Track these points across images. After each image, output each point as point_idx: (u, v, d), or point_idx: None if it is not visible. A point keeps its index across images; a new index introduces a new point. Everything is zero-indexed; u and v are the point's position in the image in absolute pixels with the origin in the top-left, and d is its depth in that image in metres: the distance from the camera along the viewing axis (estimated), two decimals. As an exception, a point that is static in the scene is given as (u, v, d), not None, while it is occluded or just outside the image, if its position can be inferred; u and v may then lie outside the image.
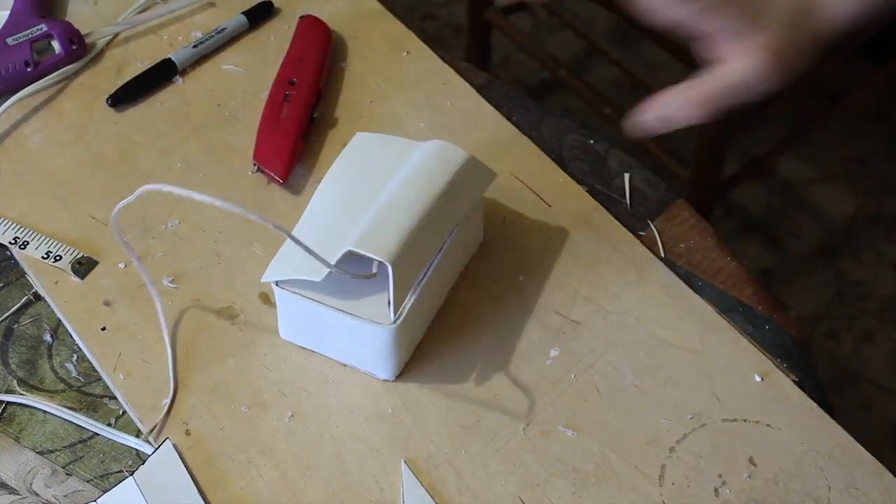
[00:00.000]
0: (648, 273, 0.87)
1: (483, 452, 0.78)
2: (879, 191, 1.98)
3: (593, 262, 0.88)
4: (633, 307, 0.85)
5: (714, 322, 0.85)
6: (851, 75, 2.05)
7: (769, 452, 0.79)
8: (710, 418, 0.80)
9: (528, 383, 0.81)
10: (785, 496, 0.77)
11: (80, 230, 0.89)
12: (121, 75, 0.98)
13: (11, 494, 0.77)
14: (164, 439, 0.78)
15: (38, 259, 0.87)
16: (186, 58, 0.98)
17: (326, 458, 0.78)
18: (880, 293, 1.86)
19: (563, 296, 0.86)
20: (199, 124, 0.96)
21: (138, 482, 0.75)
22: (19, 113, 0.96)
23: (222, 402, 0.80)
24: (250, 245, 0.88)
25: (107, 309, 0.85)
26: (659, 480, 0.77)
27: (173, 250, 0.88)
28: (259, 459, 0.78)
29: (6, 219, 0.89)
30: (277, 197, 0.91)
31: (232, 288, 0.86)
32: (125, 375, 0.82)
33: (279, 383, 0.81)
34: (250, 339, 0.84)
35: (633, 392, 0.81)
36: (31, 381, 0.82)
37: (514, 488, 0.77)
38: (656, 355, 0.83)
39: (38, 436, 0.80)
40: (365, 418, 0.80)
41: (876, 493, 0.77)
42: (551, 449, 0.79)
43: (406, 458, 0.78)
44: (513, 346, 0.83)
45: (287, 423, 0.79)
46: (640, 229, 0.90)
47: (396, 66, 1.00)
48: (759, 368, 0.82)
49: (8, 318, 0.85)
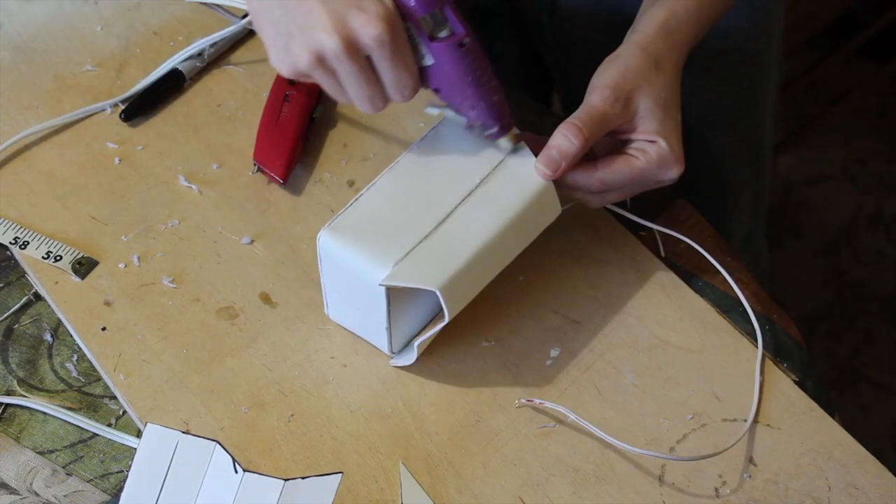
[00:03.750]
0: (648, 273, 0.87)
1: (483, 452, 0.78)
2: (879, 191, 1.98)
3: (593, 262, 0.88)
4: (633, 307, 0.85)
5: (714, 322, 0.85)
6: (851, 75, 2.05)
7: (769, 452, 0.79)
8: (710, 418, 0.80)
9: (528, 383, 0.81)
10: (785, 496, 0.77)
11: (80, 230, 0.89)
12: (122, 75, 0.98)
13: (12, 494, 0.77)
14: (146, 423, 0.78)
15: (38, 259, 0.87)
16: (193, 67, 0.98)
17: (326, 458, 0.78)
18: (880, 293, 1.86)
19: (563, 296, 0.86)
20: (200, 124, 0.96)
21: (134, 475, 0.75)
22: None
23: (222, 402, 0.80)
24: (250, 245, 0.88)
25: (107, 309, 0.85)
26: (659, 480, 0.77)
27: (173, 250, 0.88)
28: (259, 459, 0.78)
29: (6, 219, 0.89)
30: (278, 197, 0.91)
31: (232, 288, 0.86)
32: (125, 375, 0.81)
33: (279, 383, 0.81)
34: (250, 339, 0.84)
35: (633, 392, 0.81)
36: (31, 381, 0.82)
37: (514, 488, 0.77)
38: (656, 355, 0.83)
39: (38, 436, 0.80)
40: (365, 418, 0.80)
41: (876, 493, 0.77)
42: (551, 449, 0.79)
43: (406, 458, 0.78)
44: (513, 346, 0.83)
45: (287, 423, 0.79)
46: (640, 229, 0.90)
47: (396, 66, 1.00)
48: (759, 368, 0.82)
49: (8, 318, 0.85)
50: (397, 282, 0.75)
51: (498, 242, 0.78)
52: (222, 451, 0.76)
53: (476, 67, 0.75)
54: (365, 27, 0.71)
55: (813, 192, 1.98)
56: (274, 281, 0.86)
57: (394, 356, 0.82)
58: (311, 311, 0.85)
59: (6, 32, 1.01)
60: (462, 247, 0.76)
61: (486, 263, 0.78)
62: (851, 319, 1.83)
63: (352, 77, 0.73)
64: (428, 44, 0.74)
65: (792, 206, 1.96)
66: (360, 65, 0.73)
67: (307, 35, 0.72)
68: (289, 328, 0.84)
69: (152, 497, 0.75)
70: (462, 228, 0.77)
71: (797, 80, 2.00)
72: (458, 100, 0.77)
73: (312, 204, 0.90)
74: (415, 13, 0.73)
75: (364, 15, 0.71)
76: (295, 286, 0.86)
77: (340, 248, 0.77)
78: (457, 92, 0.77)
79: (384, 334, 0.80)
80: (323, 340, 0.83)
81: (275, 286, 0.86)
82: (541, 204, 0.80)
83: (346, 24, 0.71)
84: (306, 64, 0.73)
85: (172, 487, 0.75)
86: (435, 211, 0.78)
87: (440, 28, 0.74)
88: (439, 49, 0.74)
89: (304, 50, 0.72)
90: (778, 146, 1.82)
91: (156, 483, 0.76)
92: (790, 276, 1.88)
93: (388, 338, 0.80)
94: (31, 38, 1.00)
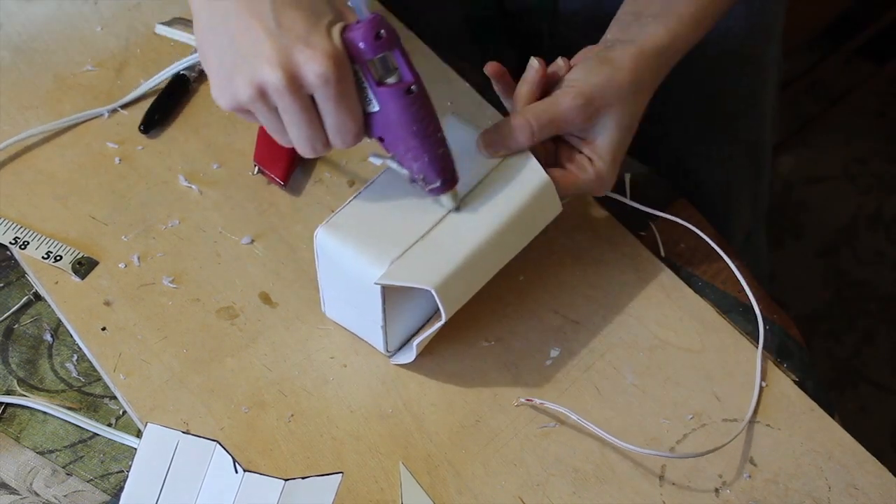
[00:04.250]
0: (648, 273, 0.87)
1: (483, 452, 0.78)
2: (879, 191, 1.98)
3: (593, 262, 0.88)
4: (633, 307, 0.85)
5: (714, 322, 0.85)
6: (851, 75, 2.05)
7: (769, 452, 0.79)
8: (710, 418, 0.80)
9: (528, 383, 0.81)
10: (785, 496, 0.77)
11: (80, 230, 0.89)
12: (122, 76, 0.98)
13: (12, 494, 0.77)
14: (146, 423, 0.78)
15: (38, 259, 0.87)
16: (194, 67, 0.98)
17: (326, 458, 0.78)
18: (880, 293, 1.86)
19: (563, 296, 0.86)
20: (200, 124, 0.96)
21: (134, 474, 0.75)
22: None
23: (222, 402, 0.80)
24: (250, 245, 0.88)
25: (107, 309, 0.85)
26: (659, 480, 0.77)
27: (173, 250, 0.88)
28: (259, 459, 0.78)
29: (6, 219, 0.89)
30: (278, 198, 0.91)
31: (232, 288, 0.86)
32: (125, 375, 0.81)
33: (279, 383, 0.81)
34: (250, 339, 0.84)
35: (633, 392, 0.81)
36: (31, 381, 0.82)
37: (514, 488, 0.77)
38: (656, 355, 0.83)
39: (38, 436, 0.80)
40: (365, 418, 0.80)
41: (876, 493, 0.77)
42: (551, 449, 0.79)
43: (406, 458, 0.78)
44: (513, 346, 0.83)
45: (287, 423, 0.79)
46: (640, 229, 0.90)
47: (396, 66, 1.00)
48: (759, 368, 0.82)
49: (8, 318, 0.85)
50: (393, 280, 0.75)
51: (496, 241, 0.78)
52: (222, 451, 0.76)
53: (422, 117, 0.73)
54: (310, 63, 0.68)
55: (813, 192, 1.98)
56: (274, 281, 0.86)
57: (390, 354, 0.82)
58: (310, 311, 0.85)
59: (6, 32, 1.01)
60: (459, 246, 0.76)
61: (483, 263, 0.78)
62: (851, 319, 1.83)
63: (293, 115, 0.71)
64: (375, 88, 0.72)
65: (792, 206, 1.96)
66: (302, 103, 0.70)
67: (251, 66, 0.69)
68: (289, 328, 0.84)
69: (152, 497, 0.75)
70: (460, 228, 0.77)
71: (797, 80, 1.99)
72: (402, 150, 0.75)
73: (312, 204, 0.90)
74: (364, 55, 0.70)
75: (311, 51, 0.68)
76: (295, 286, 0.86)
77: (337, 245, 0.77)
78: (401, 142, 0.74)
79: (380, 333, 0.80)
80: (323, 340, 0.83)
81: (275, 286, 0.86)
82: (540, 202, 0.80)
83: (292, 59, 0.68)
84: (247, 97, 0.70)
85: (172, 487, 0.75)
86: (433, 210, 0.78)
87: (389, 74, 0.72)
88: (385, 95, 0.72)
89: (246, 82, 0.69)
90: (778, 146, 1.82)
91: (156, 483, 0.75)
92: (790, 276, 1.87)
93: (383, 336, 0.80)
94: (31, 38, 1.00)
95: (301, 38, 0.68)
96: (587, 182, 0.80)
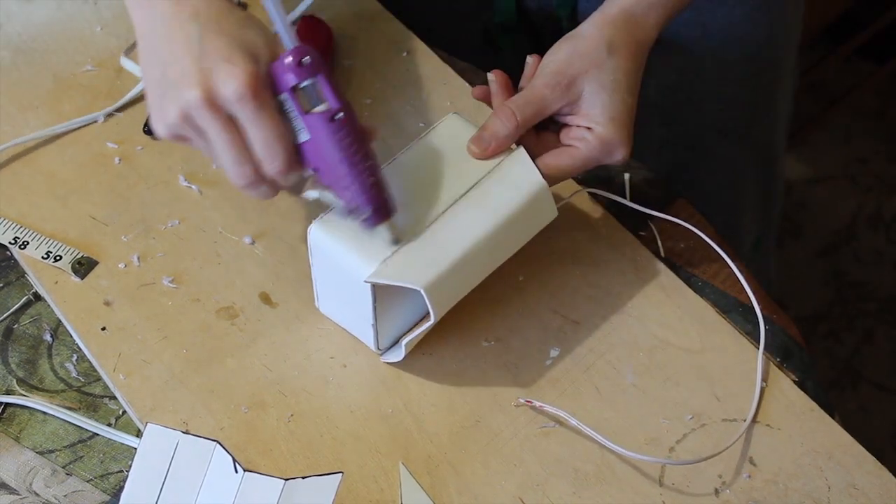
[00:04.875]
0: (648, 273, 0.87)
1: (483, 452, 0.78)
2: (879, 191, 1.98)
3: (593, 262, 0.88)
4: (633, 307, 0.85)
5: (714, 322, 0.85)
6: (851, 75, 2.05)
7: (769, 452, 0.79)
8: (710, 418, 0.80)
9: (528, 383, 0.81)
10: (785, 496, 0.77)
11: (79, 230, 0.89)
12: (121, 76, 0.98)
13: (11, 494, 0.77)
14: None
15: (38, 259, 0.87)
16: None
17: (326, 458, 0.78)
18: (880, 293, 1.86)
19: (563, 296, 0.86)
20: (199, 124, 0.96)
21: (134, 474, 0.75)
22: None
23: (222, 402, 0.80)
24: (250, 245, 0.88)
25: (107, 309, 0.85)
26: (659, 481, 0.77)
27: (173, 250, 0.88)
28: (259, 459, 0.78)
29: (6, 219, 0.89)
30: (278, 197, 0.91)
31: (232, 288, 0.86)
32: (125, 375, 0.81)
33: (279, 383, 0.81)
34: (250, 339, 0.84)
35: (632, 392, 0.81)
36: (31, 381, 0.82)
37: (514, 488, 0.77)
38: (656, 355, 0.83)
39: (38, 436, 0.80)
40: (365, 418, 0.80)
41: (876, 493, 0.77)
42: (551, 449, 0.79)
43: (406, 459, 0.78)
44: (512, 346, 0.83)
45: (287, 423, 0.79)
46: (640, 229, 0.90)
47: (396, 66, 1.00)
48: (759, 368, 0.82)
49: (8, 318, 0.85)
50: (382, 279, 0.75)
51: (489, 243, 0.78)
52: (222, 451, 0.76)
53: (348, 144, 0.73)
54: (227, 80, 0.70)
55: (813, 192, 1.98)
56: (274, 281, 0.86)
57: (381, 352, 0.82)
58: (311, 312, 0.85)
59: (6, 32, 1.01)
60: (451, 247, 0.76)
61: (475, 264, 0.78)
62: (851, 319, 1.83)
63: (214, 135, 0.72)
64: (302, 116, 0.72)
65: (792, 206, 1.96)
66: (221, 121, 0.71)
67: (177, 91, 0.71)
68: (289, 328, 0.84)
69: (152, 497, 0.75)
70: (453, 229, 0.77)
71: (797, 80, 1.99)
72: (333, 179, 0.75)
73: (312, 204, 0.90)
74: (288, 82, 0.71)
75: (229, 67, 0.70)
76: (295, 286, 0.86)
77: (330, 242, 0.77)
78: (332, 170, 0.74)
79: (370, 331, 0.80)
80: (323, 340, 0.83)
81: (275, 286, 0.86)
82: (535, 206, 0.80)
83: (209, 78, 0.70)
84: (174, 121, 0.72)
85: (172, 487, 0.75)
86: (427, 210, 0.78)
87: (319, 103, 0.72)
88: (312, 122, 0.72)
89: (174, 107, 0.71)
90: (778, 146, 1.82)
91: (156, 483, 0.75)
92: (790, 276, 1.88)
93: (374, 334, 0.80)
94: (31, 38, 1.00)
95: (223, 59, 0.70)
96: (592, 150, 0.80)
